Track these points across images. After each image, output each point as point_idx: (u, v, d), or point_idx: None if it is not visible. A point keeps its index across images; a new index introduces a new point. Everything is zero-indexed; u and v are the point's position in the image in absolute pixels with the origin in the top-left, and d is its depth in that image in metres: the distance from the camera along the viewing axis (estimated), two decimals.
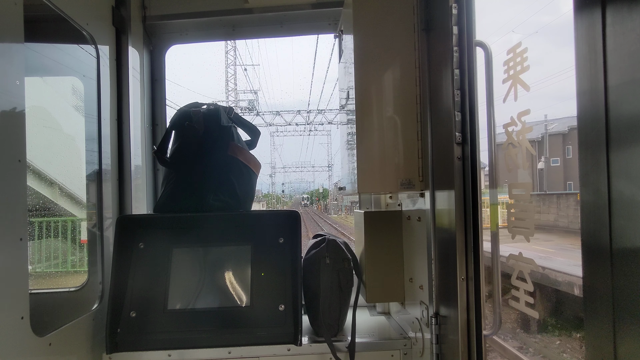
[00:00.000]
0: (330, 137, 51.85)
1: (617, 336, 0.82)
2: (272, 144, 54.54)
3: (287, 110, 37.84)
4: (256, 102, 36.99)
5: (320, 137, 50.38)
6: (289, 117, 33.59)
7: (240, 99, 36.92)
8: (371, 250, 2.01)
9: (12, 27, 1.33)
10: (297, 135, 49.80)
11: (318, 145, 57.45)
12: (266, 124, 34.59)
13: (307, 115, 33.62)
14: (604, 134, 0.83)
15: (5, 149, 1.30)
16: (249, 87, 35.14)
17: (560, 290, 9.10)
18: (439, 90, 1.49)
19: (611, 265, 0.83)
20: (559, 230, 16.21)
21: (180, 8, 2.40)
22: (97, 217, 1.98)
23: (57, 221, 5.30)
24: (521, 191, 1.27)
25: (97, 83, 1.97)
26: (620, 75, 0.81)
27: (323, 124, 33.70)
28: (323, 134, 48.87)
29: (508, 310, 7.76)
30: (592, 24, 0.86)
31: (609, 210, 0.83)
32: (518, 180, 1.28)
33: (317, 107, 36.56)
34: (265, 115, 34.77)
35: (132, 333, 1.79)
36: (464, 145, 1.34)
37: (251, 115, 34.04)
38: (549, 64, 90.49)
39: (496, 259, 1.34)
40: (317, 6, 2.36)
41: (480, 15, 1.31)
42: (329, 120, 32.82)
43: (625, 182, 0.80)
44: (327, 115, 32.82)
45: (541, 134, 29.41)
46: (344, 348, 1.81)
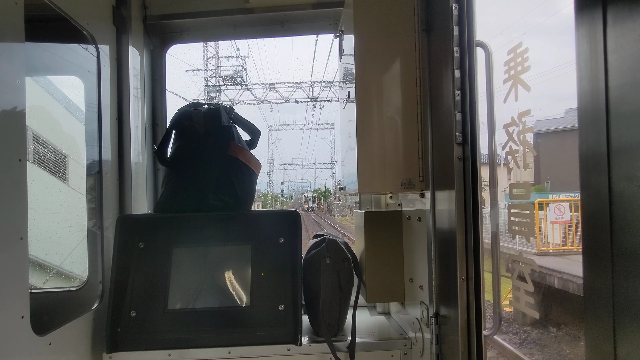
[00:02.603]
0: (333, 132, 46.50)
1: (617, 336, 0.82)
2: (270, 138, 50.55)
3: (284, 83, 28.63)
4: (244, 72, 27.11)
5: (323, 131, 46.58)
6: (287, 92, 26.35)
7: (222, 66, 26.70)
8: (371, 250, 2.01)
9: (13, 26, 1.33)
10: (297, 130, 45.91)
11: (320, 140, 54.55)
12: (256, 100, 26.58)
13: (309, 90, 26.14)
14: (605, 134, 0.84)
15: (5, 148, 1.30)
16: (234, 52, 26.32)
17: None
18: (439, 90, 1.49)
19: (611, 265, 0.83)
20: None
21: (181, 8, 2.40)
22: (98, 216, 1.98)
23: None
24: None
25: (98, 83, 1.97)
26: (620, 76, 0.81)
27: (331, 100, 26.59)
28: (326, 127, 45.23)
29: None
30: (592, 24, 0.86)
31: (610, 211, 0.83)
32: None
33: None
34: (256, 89, 26.52)
35: (132, 332, 1.79)
36: (464, 145, 1.34)
37: (238, 89, 26.27)
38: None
39: (496, 259, 1.34)
40: (318, 6, 2.36)
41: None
42: (338, 96, 26.97)
43: (626, 183, 0.80)
44: (335, 89, 24.32)
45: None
46: (344, 348, 1.81)
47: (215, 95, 25.78)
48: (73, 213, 2.42)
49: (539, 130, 27.05)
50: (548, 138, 25.07)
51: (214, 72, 26.53)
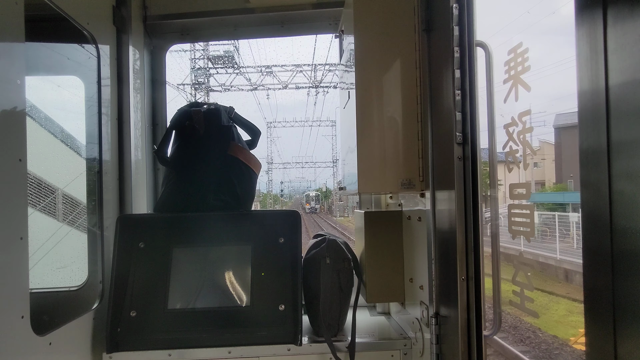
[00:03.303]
0: (334, 129, 43.87)
1: (617, 336, 0.82)
2: (269, 135, 47.25)
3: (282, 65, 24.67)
4: (236, 53, 23.56)
5: (324, 128, 44.19)
6: (285, 77, 23.52)
7: (211, 44, 23.22)
8: (371, 250, 2.01)
9: (13, 26, 1.33)
10: (297, 127, 44.47)
11: (321, 138, 51.61)
12: (250, 84, 23.44)
13: (311, 74, 23.15)
14: (605, 134, 0.84)
15: (5, 148, 1.30)
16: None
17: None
18: (439, 90, 1.49)
19: (612, 265, 0.83)
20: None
21: (181, 8, 2.40)
22: (98, 216, 1.98)
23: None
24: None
25: (98, 82, 1.98)
26: (621, 76, 0.81)
27: (336, 85, 20.35)
28: (327, 124, 43.37)
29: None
30: (593, 24, 0.86)
31: (610, 211, 0.83)
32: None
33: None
34: (251, 73, 23.52)
35: (132, 332, 1.79)
36: (465, 145, 1.34)
37: (230, 73, 23.24)
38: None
39: (496, 259, 1.34)
40: (318, 6, 2.36)
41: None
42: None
43: (626, 182, 0.80)
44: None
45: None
46: (344, 348, 1.81)
47: (203, 80, 23.32)
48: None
49: (560, 124, 25.68)
50: (571, 133, 22.84)
51: (202, 52, 23.32)
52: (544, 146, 30.59)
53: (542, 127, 26.29)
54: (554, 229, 15.64)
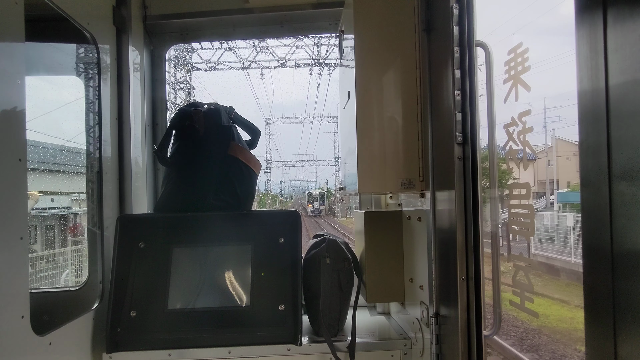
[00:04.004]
0: (336, 126, 40.24)
1: (617, 336, 0.82)
2: (268, 131, 44.54)
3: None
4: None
5: (325, 125, 42.02)
6: (283, 52, 20.41)
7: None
8: (371, 250, 2.01)
9: (13, 26, 1.33)
10: (297, 123, 42.71)
11: (322, 135, 48.41)
12: (241, 62, 19.86)
13: (316, 49, 19.37)
14: (605, 134, 0.84)
15: (5, 148, 1.30)
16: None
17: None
18: (439, 90, 1.49)
19: (612, 265, 0.83)
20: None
21: (181, 8, 2.40)
22: (98, 216, 1.98)
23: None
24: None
25: (98, 82, 1.98)
26: (621, 76, 0.81)
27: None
28: (328, 121, 41.36)
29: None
30: (593, 24, 0.86)
31: (610, 211, 0.83)
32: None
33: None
34: (241, 48, 20.42)
35: (132, 332, 1.79)
36: (465, 145, 1.34)
37: (217, 48, 19.81)
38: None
39: (496, 259, 1.34)
40: (318, 6, 2.36)
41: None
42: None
43: (626, 182, 0.80)
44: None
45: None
46: (344, 348, 1.81)
47: (183, 56, 20.00)
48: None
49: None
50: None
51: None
52: (559, 143, 30.32)
53: (557, 122, 25.99)
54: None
